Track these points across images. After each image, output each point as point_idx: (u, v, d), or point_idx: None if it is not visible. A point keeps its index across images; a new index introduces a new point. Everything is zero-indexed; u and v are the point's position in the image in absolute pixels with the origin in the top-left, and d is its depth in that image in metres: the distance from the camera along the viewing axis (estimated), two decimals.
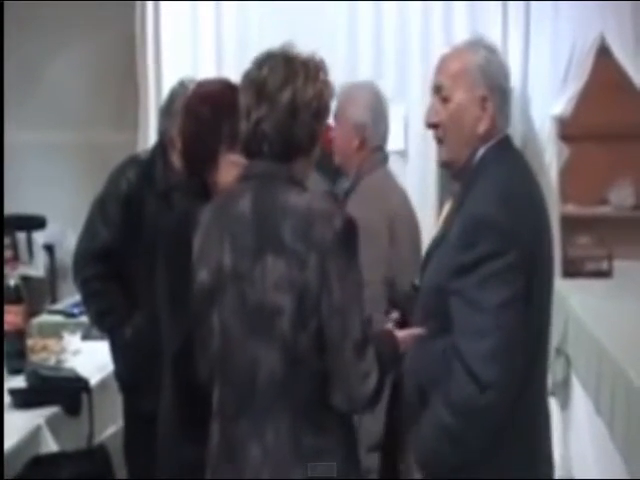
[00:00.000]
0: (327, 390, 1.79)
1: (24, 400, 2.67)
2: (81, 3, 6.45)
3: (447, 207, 2.11)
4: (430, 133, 5.31)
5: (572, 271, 5.63)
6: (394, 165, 6.20)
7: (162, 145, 3.09)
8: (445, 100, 2.02)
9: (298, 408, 1.79)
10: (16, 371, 2.94)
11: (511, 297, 1.82)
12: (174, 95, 3.14)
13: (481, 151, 2.02)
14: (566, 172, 5.70)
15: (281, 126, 1.81)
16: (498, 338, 1.78)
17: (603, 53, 5.41)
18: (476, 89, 1.99)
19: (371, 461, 3.08)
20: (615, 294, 4.26)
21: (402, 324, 2.05)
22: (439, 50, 5.65)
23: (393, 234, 2.55)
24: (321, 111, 1.89)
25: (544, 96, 5.64)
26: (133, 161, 3.18)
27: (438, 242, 2.04)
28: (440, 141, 2.06)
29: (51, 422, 2.64)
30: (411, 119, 6.10)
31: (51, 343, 3.34)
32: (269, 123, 1.81)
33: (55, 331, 3.70)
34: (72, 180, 6.59)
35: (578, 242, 5.84)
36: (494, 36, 5.70)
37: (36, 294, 5.85)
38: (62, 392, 2.71)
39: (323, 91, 1.89)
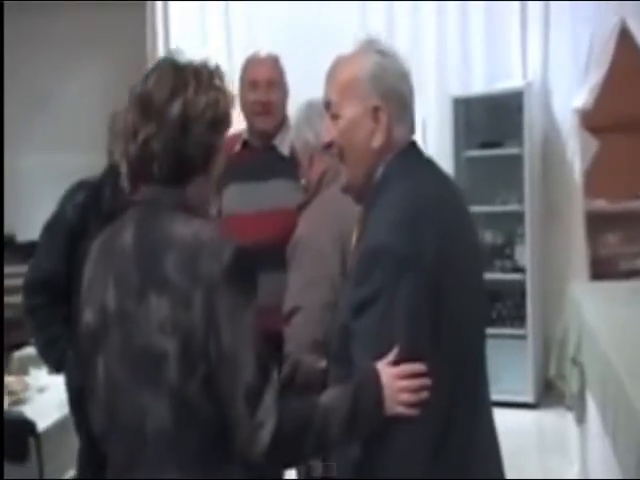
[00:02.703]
0: (224, 440, 1.58)
1: None
2: (92, 23, 6.40)
3: (354, 235, 1.86)
4: (447, 143, 5.32)
5: (602, 272, 5.35)
6: None
7: (111, 167, 2.94)
8: (335, 117, 1.78)
9: (191, 461, 1.59)
10: None
11: (417, 333, 1.61)
12: (118, 115, 2.98)
13: (381, 168, 1.77)
14: (594, 166, 5.42)
15: (171, 144, 1.60)
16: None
17: (625, 39, 5.10)
18: (367, 100, 1.74)
19: None
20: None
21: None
22: (455, 52, 5.74)
23: (344, 256, 2.27)
24: (217, 122, 1.65)
25: (565, 88, 5.40)
26: (82, 185, 3.03)
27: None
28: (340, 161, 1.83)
29: None
30: (429, 119, 5.87)
31: (13, 381, 3.17)
32: (157, 141, 1.60)
33: (34, 364, 3.50)
34: None
35: (608, 240, 5.54)
36: (512, 29, 5.48)
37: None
38: (5, 438, 2.53)
39: (219, 100, 1.66)
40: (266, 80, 3.09)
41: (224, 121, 1.68)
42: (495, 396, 5.35)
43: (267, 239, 2.88)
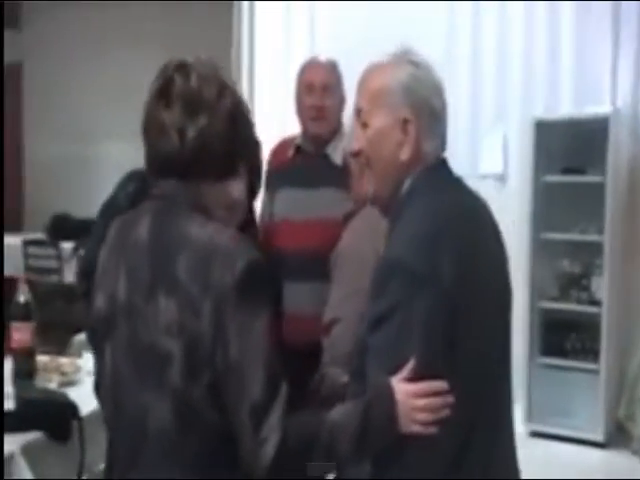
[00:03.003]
0: (228, 447, 1.51)
1: (7, 425, 2.50)
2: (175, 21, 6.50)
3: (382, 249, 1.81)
4: (529, 156, 5.17)
5: None
6: (491, 190, 5.90)
7: None
8: (364, 125, 1.72)
9: (191, 466, 1.52)
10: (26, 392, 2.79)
11: (432, 351, 1.52)
12: None
13: (408, 182, 1.70)
14: None
15: (223, 137, 1.57)
16: None
17: None
18: (397, 111, 1.68)
19: None
20: None
21: None
22: (542, 63, 5.59)
23: None
24: (247, 123, 1.64)
25: None
26: (133, 175, 3.02)
27: None
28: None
29: (30, 450, 2.45)
30: (511, 140, 5.72)
31: (66, 363, 3.19)
32: (210, 135, 1.56)
33: (87, 348, 3.53)
34: None
35: None
36: (603, 52, 5.30)
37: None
38: (47, 418, 2.52)
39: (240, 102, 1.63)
40: (322, 85, 3.05)
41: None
42: (563, 431, 5.16)
43: (313, 248, 2.86)
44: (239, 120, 1.61)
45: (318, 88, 3.03)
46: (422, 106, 1.67)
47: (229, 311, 1.46)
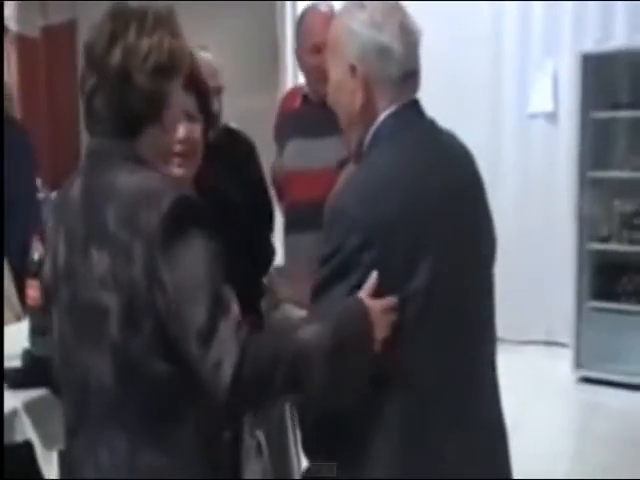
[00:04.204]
0: (176, 400, 1.47)
1: (12, 381, 2.53)
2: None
3: None
4: (577, 91, 4.94)
5: None
6: (540, 130, 5.68)
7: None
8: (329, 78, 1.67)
9: (136, 423, 1.48)
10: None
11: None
12: None
13: (371, 131, 1.61)
14: None
15: (111, 96, 1.50)
16: None
17: None
18: (345, 58, 1.61)
19: None
20: None
21: None
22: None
23: None
24: (164, 68, 1.51)
25: None
26: None
27: None
28: None
29: (34, 407, 2.48)
30: (561, 77, 5.49)
31: None
32: (100, 94, 1.50)
33: None
34: None
35: None
36: None
37: None
38: (52, 374, 2.55)
39: (163, 42, 1.52)
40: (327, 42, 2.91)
41: (174, 66, 1.54)
42: (615, 376, 5.01)
43: (322, 197, 2.77)
44: (135, 69, 1.50)
45: (323, 47, 2.91)
46: (368, 47, 1.57)
47: (160, 250, 1.40)
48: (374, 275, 1.48)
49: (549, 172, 5.53)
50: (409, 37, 1.60)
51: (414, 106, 1.64)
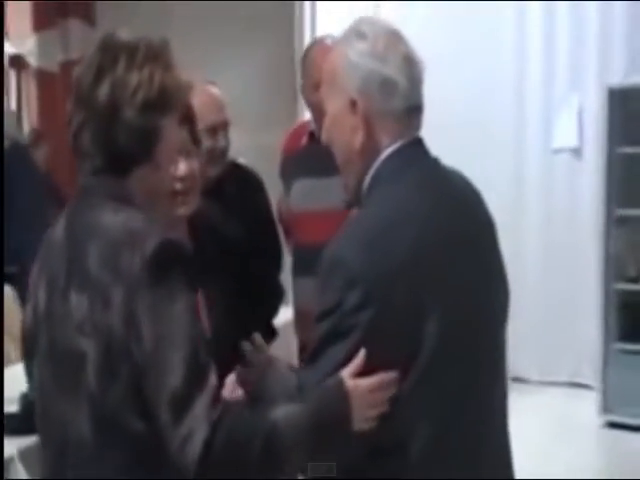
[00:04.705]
0: (154, 456, 1.37)
1: (9, 427, 2.43)
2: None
3: None
4: (603, 126, 4.82)
5: None
6: (565, 165, 5.55)
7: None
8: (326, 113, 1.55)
9: (113, 477, 1.38)
10: None
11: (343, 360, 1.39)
12: None
13: (371, 171, 1.49)
14: None
15: (98, 132, 1.41)
16: None
17: None
18: (345, 91, 1.48)
19: None
20: None
21: None
22: (620, 26, 5.21)
23: None
24: (155, 103, 1.41)
25: None
26: None
27: None
28: None
29: (28, 454, 2.37)
30: (586, 111, 5.37)
31: None
32: (87, 130, 1.42)
33: None
34: None
35: None
36: None
37: None
38: None
39: (154, 76, 1.42)
40: None
41: (166, 102, 1.45)
42: None
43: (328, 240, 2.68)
44: (124, 104, 1.41)
45: None
46: (370, 80, 1.46)
47: (140, 297, 1.32)
48: (362, 353, 1.38)
49: (574, 208, 5.40)
50: (413, 69, 1.49)
51: (418, 144, 1.52)
